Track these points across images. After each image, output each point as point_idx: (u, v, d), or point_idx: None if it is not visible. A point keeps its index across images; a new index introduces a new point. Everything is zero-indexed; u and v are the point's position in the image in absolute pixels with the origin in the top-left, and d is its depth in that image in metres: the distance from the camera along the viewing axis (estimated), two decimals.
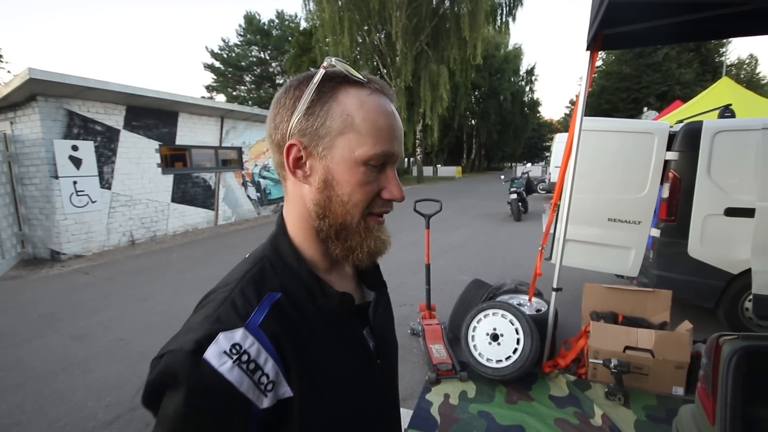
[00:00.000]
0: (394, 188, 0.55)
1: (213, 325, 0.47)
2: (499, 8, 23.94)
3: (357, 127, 0.52)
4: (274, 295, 0.53)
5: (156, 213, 8.51)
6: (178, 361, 0.44)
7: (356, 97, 0.53)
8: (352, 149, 0.52)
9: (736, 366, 1.29)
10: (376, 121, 0.52)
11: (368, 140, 0.52)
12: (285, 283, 0.55)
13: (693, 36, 2.78)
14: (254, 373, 0.46)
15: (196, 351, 0.44)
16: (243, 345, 0.47)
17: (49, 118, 6.57)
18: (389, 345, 0.69)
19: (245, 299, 0.51)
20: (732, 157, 3.13)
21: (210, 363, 0.44)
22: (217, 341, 0.45)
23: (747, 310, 3.27)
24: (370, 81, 0.55)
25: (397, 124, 0.55)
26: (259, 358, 0.47)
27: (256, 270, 0.55)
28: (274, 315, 0.51)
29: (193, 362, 0.44)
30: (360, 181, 0.53)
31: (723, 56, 29.46)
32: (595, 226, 3.49)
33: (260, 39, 35.46)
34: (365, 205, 0.54)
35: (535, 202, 12.86)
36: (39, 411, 2.60)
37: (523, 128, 44.70)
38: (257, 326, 0.49)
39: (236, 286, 0.53)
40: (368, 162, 0.52)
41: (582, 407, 2.47)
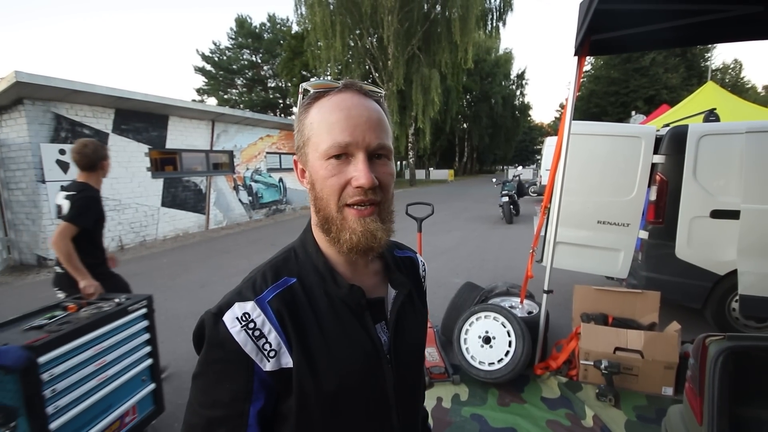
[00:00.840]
0: (360, 174, 0.57)
1: (234, 296, 0.60)
2: (490, 13, 24.16)
3: (316, 130, 0.60)
4: (289, 279, 0.63)
5: (146, 217, 8.42)
6: (206, 319, 0.58)
7: (318, 106, 0.60)
8: (316, 149, 0.59)
9: (722, 366, 1.32)
10: (328, 117, 0.58)
11: (324, 137, 0.58)
12: (302, 271, 0.65)
13: (679, 42, 2.84)
14: (258, 339, 0.57)
15: (218, 314, 0.57)
16: (251, 315, 0.58)
17: (36, 122, 6.48)
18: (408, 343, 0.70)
19: (264, 280, 0.62)
20: (717, 160, 3.19)
21: (225, 324, 0.56)
22: (232, 309, 0.58)
23: (734, 311, 3.33)
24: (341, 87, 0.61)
25: (356, 113, 0.58)
26: (263, 327, 0.58)
27: (281, 258, 0.67)
28: (283, 296, 0.60)
29: (214, 322, 0.57)
30: (325, 175, 0.59)
31: (708, 61, 30.08)
32: (584, 228, 3.53)
33: (252, 42, 35.37)
34: (337, 197, 0.59)
35: (526, 205, 12.95)
36: None
37: (514, 131, 45.10)
38: (266, 302, 0.59)
39: (263, 268, 0.65)
40: (329, 155, 0.58)
41: (573, 408, 2.49)
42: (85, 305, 2.06)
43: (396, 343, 0.67)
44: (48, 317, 1.92)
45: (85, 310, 1.99)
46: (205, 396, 0.57)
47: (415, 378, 0.75)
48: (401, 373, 0.67)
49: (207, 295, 4.82)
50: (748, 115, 5.39)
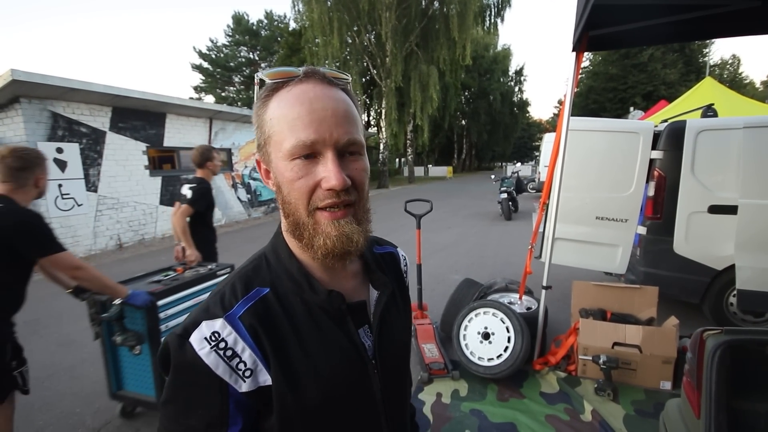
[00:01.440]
0: (330, 176, 0.52)
1: (200, 314, 0.54)
2: (488, 9, 24.09)
3: (277, 127, 0.53)
4: (261, 290, 0.57)
5: (144, 216, 8.41)
6: (170, 342, 0.53)
7: (277, 99, 0.54)
8: (278, 149, 0.54)
9: (720, 360, 1.32)
10: (289, 112, 0.52)
11: (286, 135, 0.52)
12: (275, 279, 0.59)
13: (677, 37, 2.83)
14: (231, 359, 0.52)
15: (183, 335, 0.52)
16: (221, 333, 0.52)
17: (33, 120, 6.45)
18: (393, 345, 0.68)
19: (233, 292, 0.56)
20: (715, 156, 3.20)
21: (192, 346, 0.51)
22: (199, 329, 0.52)
23: (732, 305, 3.35)
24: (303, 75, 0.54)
25: (320, 106, 0.52)
26: (236, 346, 0.52)
27: (251, 266, 0.61)
28: (256, 308, 0.55)
29: (179, 344, 0.52)
30: (292, 177, 0.53)
31: (706, 57, 30.10)
32: (583, 224, 3.54)
33: (249, 39, 35.21)
34: (306, 201, 0.54)
35: (525, 201, 12.97)
36: (26, 418, 2.55)
37: (512, 128, 45.05)
38: (237, 318, 0.54)
39: (231, 279, 0.59)
40: (293, 156, 0.52)
41: (572, 403, 2.50)
42: (188, 269, 2.76)
43: (381, 347, 0.64)
44: (163, 275, 2.61)
45: (188, 272, 2.69)
46: (176, 424, 0.53)
47: (402, 379, 0.73)
48: (388, 376, 0.65)
49: None
50: (746, 110, 5.39)
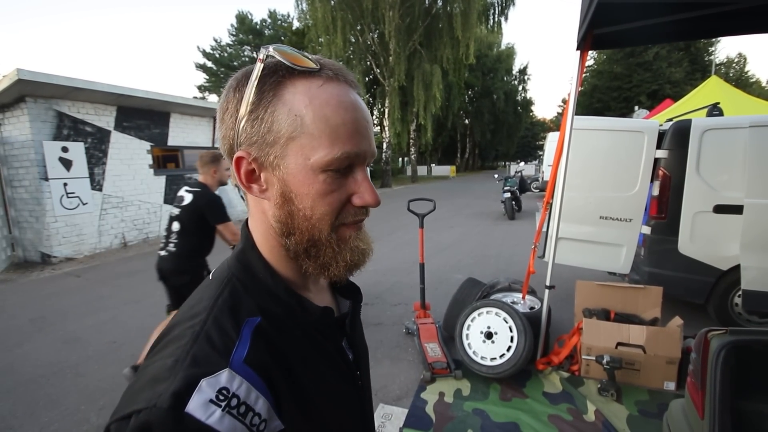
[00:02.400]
0: (366, 193, 0.48)
1: (189, 370, 0.39)
2: (492, 8, 24.06)
3: (309, 129, 0.44)
4: (253, 320, 0.46)
5: (148, 214, 8.45)
6: (153, 421, 0.35)
7: (305, 92, 0.45)
8: (307, 155, 0.45)
9: (724, 360, 1.32)
10: (330, 117, 0.45)
11: (324, 142, 0.45)
12: (262, 304, 0.49)
13: (682, 35, 2.81)
14: (246, 416, 0.40)
15: (175, 406, 0.36)
16: (231, 388, 0.40)
17: (39, 120, 6.49)
18: (365, 354, 0.67)
19: (222, 331, 0.44)
20: (720, 155, 3.17)
21: (195, 417, 0.36)
22: (200, 390, 0.38)
23: (736, 306, 3.32)
24: (323, 67, 0.47)
25: (361, 116, 0.47)
26: (249, 398, 0.41)
27: (226, 294, 0.48)
28: (258, 344, 0.45)
29: (174, 420, 0.36)
30: (321, 191, 0.46)
31: (712, 55, 29.83)
32: (587, 224, 3.53)
33: (252, 39, 35.23)
34: (333, 217, 0.48)
35: (528, 201, 12.93)
36: (31, 416, 2.58)
37: (516, 127, 44.91)
38: (243, 362, 0.42)
39: (208, 316, 0.45)
40: (328, 168, 0.45)
41: (575, 403, 2.49)
42: None
43: (358, 358, 0.62)
44: None
45: None
46: None
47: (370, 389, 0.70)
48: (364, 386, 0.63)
49: None
50: (752, 109, 5.35)
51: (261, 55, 0.45)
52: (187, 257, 2.69)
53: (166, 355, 0.42)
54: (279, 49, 0.45)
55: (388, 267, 5.65)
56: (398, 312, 4.05)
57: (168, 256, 2.68)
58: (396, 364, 3.04)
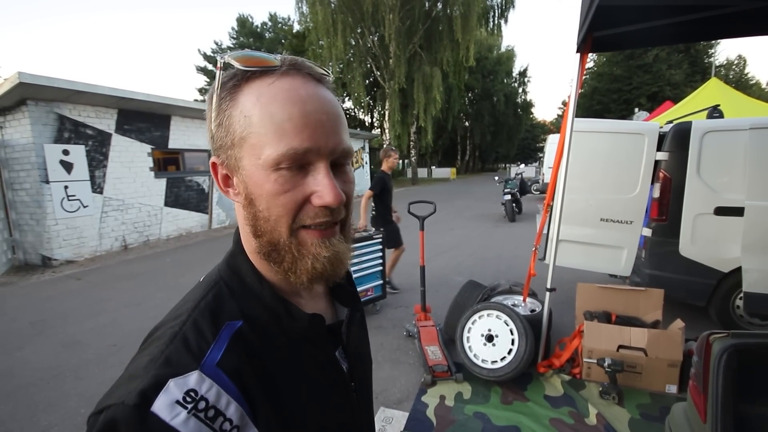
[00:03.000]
0: (325, 191, 0.44)
1: (161, 369, 0.39)
2: (491, 10, 24.12)
3: (256, 127, 0.43)
4: (233, 324, 0.46)
5: (149, 217, 8.45)
6: (120, 417, 0.36)
7: (254, 91, 0.44)
8: (257, 155, 0.44)
9: (726, 363, 1.31)
10: (276, 113, 0.43)
11: (271, 139, 0.43)
12: (246, 308, 0.48)
13: (682, 38, 2.81)
14: (214, 420, 0.40)
15: (140, 404, 0.37)
16: (199, 390, 0.39)
17: (40, 123, 6.51)
18: (363, 364, 0.64)
19: (199, 333, 0.43)
20: (721, 157, 3.17)
21: (159, 417, 0.37)
22: (167, 390, 0.38)
23: (738, 308, 3.31)
24: (282, 64, 0.46)
25: (315, 108, 0.44)
26: (219, 402, 0.40)
27: (210, 297, 0.48)
28: (234, 348, 0.44)
29: (138, 418, 0.36)
30: (273, 191, 0.44)
31: (712, 57, 29.87)
32: (587, 226, 3.52)
33: (253, 42, 35.35)
34: (290, 219, 0.45)
35: (528, 203, 12.93)
36: (31, 419, 2.57)
37: (516, 129, 44.91)
38: (215, 365, 0.42)
39: (188, 317, 0.45)
40: (278, 166, 0.43)
41: (577, 407, 2.48)
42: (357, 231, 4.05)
43: (355, 369, 0.59)
44: None
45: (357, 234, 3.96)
46: None
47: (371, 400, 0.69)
48: (362, 399, 0.62)
49: None
50: (752, 111, 5.35)
51: (219, 63, 0.45)
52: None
53: (145, 354, 0.43)
54: (235, 55, 0.45)
55: None
56: (399, 315, 4.05)
57: None
58: (396, 367, 3.03)
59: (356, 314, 0.62)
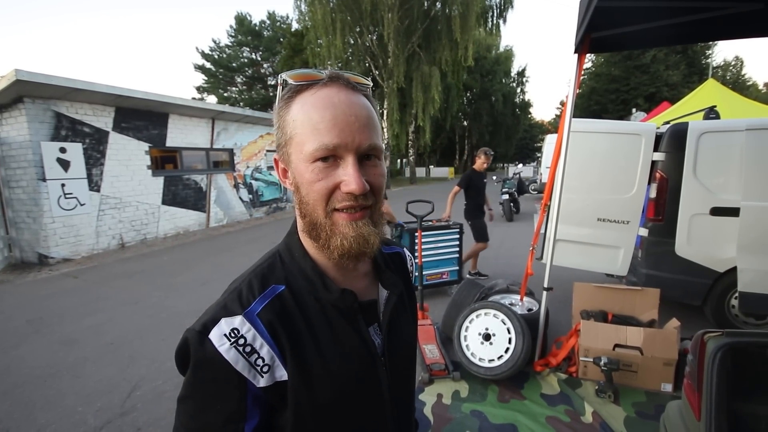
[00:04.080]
0: (350, 180, 0.54)
1: (219, 310, 0.55)
2: (490, 10, 24.07)
3: (299, 129, 0.55)
4: (277, 287, 0.59)
5: (146, 215, 8.43)
6: (190, 338, 0.53)
7: (300, 101, 0.56)
8: (300, 150, 0.55)
9: (720, 362, 1.32)
10: (313, 116, 0.54)
11: (309, 137, 0.54)
12: (290, 277, 0.61)
13: (679, 39, 2.83)
14: (250, 355, 0.53)
15: (202, 332, 0.53)
16: (240, 330, 0.54)
17: (36, 120, 6.48)
18: (401, 343, 0.70)
19: (250, 290, 0.58)
20: (717, 158, 3.19)
21: (212, 342, 0.52)
22: (219, 325, 0.53)
23: (733, 308, 3.34)
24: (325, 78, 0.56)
25: (345, 111, 0.54)
26: (255, 342, 0.54)
27: (266, 264, 0.62)
28: (273, 305, 0.57)
29: (199, 340, 0.53)
30: (311, 179, 0.55)
31: (709, 58, 29.98)
32: (584, 226, 3.54)
33: (251, 40, 35.25)
34: (324, 202, 0.56)
35: (526, 203, 12.95)
36: (28, 417, 2.57)
37: (514, 129, 44.95)
38: (255, 315, 0.55)
39: (247, 277, 0.60)
40: (314, 158, 0.54)
41: (573, 405, 2.50)
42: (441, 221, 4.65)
43: (390, 345, 0.66)
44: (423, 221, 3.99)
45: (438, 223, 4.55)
46: (194, 420, 0.53)
47: (409, 378, 0.76)
48: (396, 373, 0.67)
49: (208, 293, 4.84)
50: (749, 112, 5.38)
51: (279, 81, 0.59)
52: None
53: (221, 297, 0.59)
54: (290, 73, 0.57)
55: None
56: None
57: None
58: None
59: (392, 297, 0.69)
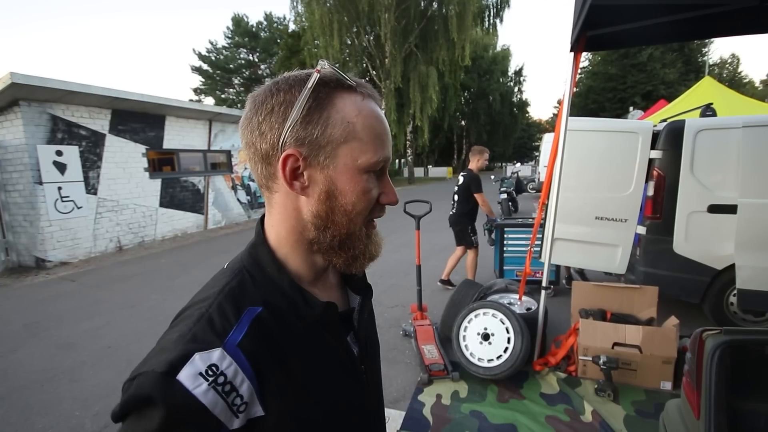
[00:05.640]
0: (391, 192, 0.56)
1: (188, 344, 0.44)
2: (487, 10, 24.13)
3: (359, 135, 0.51)
4: (254, 309, 0.50)
5: (144, 218, 8.40)
6: (150, 383, 0.42)
7: (353, 104, 0.52)
8: (356, 158, 0.51)
9: (719, 360, 1.32)
10: (374, 127, 0.52)
11: (370, 147, 0.52)
12: (266, 296, 0.53)
13: (675, 36, 2.83)
14: (229, 395, 0.44)
15: (169, 372, 0.42)
16: (220, 366, 0.44)
17: (32, 123, 6.45)
18: (373, 348, 0.70)
19: (223, 316, 0.48)
20: (714, 155, 3.19)
21: (184, 385, 0.42)
22: (192, 362, 0.43)
23: (732, 305, 3.34)
24: (359, 85, 0.53)
25: (388, 128, 0.56)
26: (235, 379, 0.45)
27: (235, 283, 0.53)
28: (253, 332, 0.49)
29: (165, 384, 0.41)
30: (364, 189, 0.53)
31: (706, 56, 30.12)
32: (582, 224, 3.53)
33: (248, 41, 35.24)
34: (367, 213, 0.55)
35: (525, 202, 12.96)
36: (25, 421, 2.55)
37: (512, 128, 45.01)
38: (236, 345, 0.46)
39: (214, 301, 0.50)
40: (371, 169, 0.53)
41: (572, 404, 2.50)
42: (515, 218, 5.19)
43: (365, 352, 0.64)
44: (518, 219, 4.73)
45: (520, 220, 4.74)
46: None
47: (380, 384, 0.75)
48: (371, 383, 0.66)
49: None
50: (746, 109, 5.38)
51: (318, 66, 0.52)
52: (459, 215, 4.56)
53: (175, 330, 0.48)
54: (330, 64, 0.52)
55: (384, 269, 5.63)
56: (395, 314, 4.05)
57: (452, 214, 4.62)
58: (393, 366, 3.03)
59: (366, 303, 0.67)
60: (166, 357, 0.43)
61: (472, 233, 4.55)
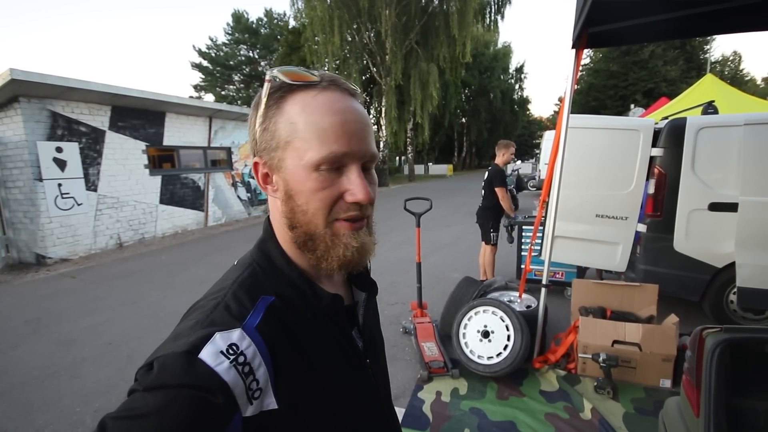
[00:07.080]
0: (357, 189, 0.51)
1: (207, 328, 0.45)
2: (488, 6, 24.02)
3: (301, 133, 0.50)
4: (267, 298, 0.52)
5: (144, 215, 8.40)
6: (171, 362, 0.40)
7: (299, 102, 0.51)
8: (300, 156, 0.50)
9: (719, 358, 1.32)
10: (319, 121, 0.50)
11: (313, 144, 0.50)
12: (277, 287, 0.54)
13: (677, 33, 2.82)
14: (247, 377, 0.44)
15: (191, 351, 0.41)
16: (240, 345, 0.44)
17: (32, 120, 6.44)
18: (377, 344, 0.71)
19: (239, 303, 0.49)
20: (715, 153, 3.18)
21: (206, 362, 0.41)
22: (213, 341, 0.43)
23: (732, 303, 3.34)
24: (322, 79, 0.52)
25: (351, 119, 0.51)
26: (254, 361, 0.45)
27: (247, 274, 0.55)
28: (269, 318, 0.49)
29: (188, 362, 0.40)
30: (313, 188, 0.51)
31: (707, 53, 30.01)
32: (583, 222, 3.53)
33: (249, 38, 35.12)
34: (326, 212, 0.52)
35: (525, 199, 12.95)
36: (26, 418, 2.56)
37: (513, 126, 44.91)
38: (254, 328, 0.47)
39: (228, 291, 0.51)
40: (319, 167, 0.50)
41: (572, 401, 2.50)
42: None
43: (370, 348, 0.65)
44: None
45: None
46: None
47: (387, 378, 0.75)
48: (378, 376, 0.66)
49: None
50: (747, 107, 5.36)
51: (267, 76, 0.53)
52: (483, 209, 4.49)
53: (190, 319, 0.48)
54: (282, 70, 0.52)
55: (385, 266, 5.64)
56: (395, 311, 4.05)
57: (479, 207, 4.56)
58: (393, 363, 3.04)
59: (371, 299, 0.68)
60: (185, 340, 0.43)
61: (493, 230, 4.42)
